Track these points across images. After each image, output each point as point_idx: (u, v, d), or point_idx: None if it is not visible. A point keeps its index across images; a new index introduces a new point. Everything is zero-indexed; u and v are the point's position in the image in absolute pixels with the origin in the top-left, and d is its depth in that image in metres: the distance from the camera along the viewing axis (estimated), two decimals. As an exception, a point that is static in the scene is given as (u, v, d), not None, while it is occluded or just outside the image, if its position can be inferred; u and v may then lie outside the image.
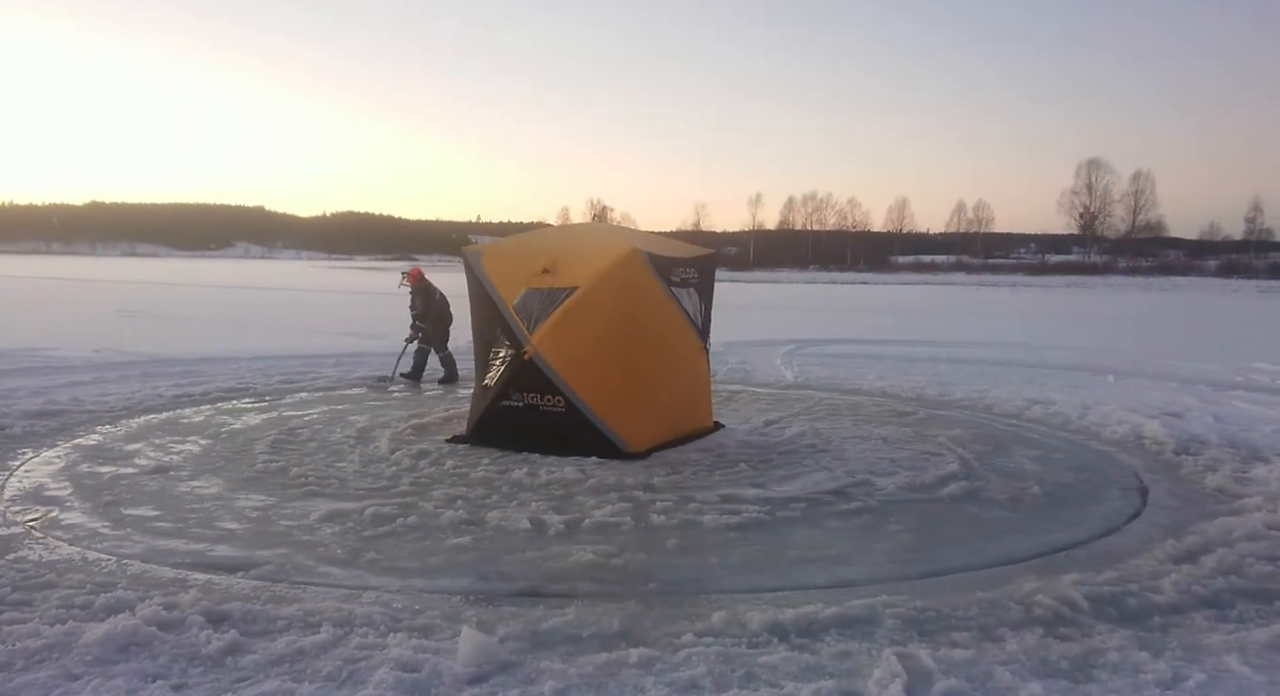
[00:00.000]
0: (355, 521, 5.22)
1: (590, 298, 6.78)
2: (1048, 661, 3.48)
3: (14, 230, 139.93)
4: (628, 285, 6.86)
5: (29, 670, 3.23)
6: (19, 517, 5.24)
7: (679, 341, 7.47)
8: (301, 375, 11.38)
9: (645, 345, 6.99)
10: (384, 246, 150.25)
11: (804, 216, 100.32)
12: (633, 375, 6.92)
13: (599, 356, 6.85)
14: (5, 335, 14.80)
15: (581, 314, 6.81)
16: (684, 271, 7.48)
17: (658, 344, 7.16)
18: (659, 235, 9.10)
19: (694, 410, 7.83)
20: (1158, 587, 4.30)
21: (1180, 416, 8.98)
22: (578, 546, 4.81)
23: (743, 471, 6.53)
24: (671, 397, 7.40)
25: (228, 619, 3.72)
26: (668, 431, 7.29)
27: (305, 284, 44.72)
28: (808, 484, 6.22)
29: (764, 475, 6.45)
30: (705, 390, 8.03)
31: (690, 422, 7.70)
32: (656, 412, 7.17)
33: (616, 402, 6.88)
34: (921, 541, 5.09)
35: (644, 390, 7.03)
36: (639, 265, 6.89)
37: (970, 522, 5.49)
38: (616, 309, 6.85)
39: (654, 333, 7.12)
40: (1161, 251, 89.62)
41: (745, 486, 6.10)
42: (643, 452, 6.86)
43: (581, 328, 6.83)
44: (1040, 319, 26.84)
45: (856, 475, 6.47)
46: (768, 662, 3.42)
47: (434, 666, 3.32)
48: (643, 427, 6.99)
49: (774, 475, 6.46)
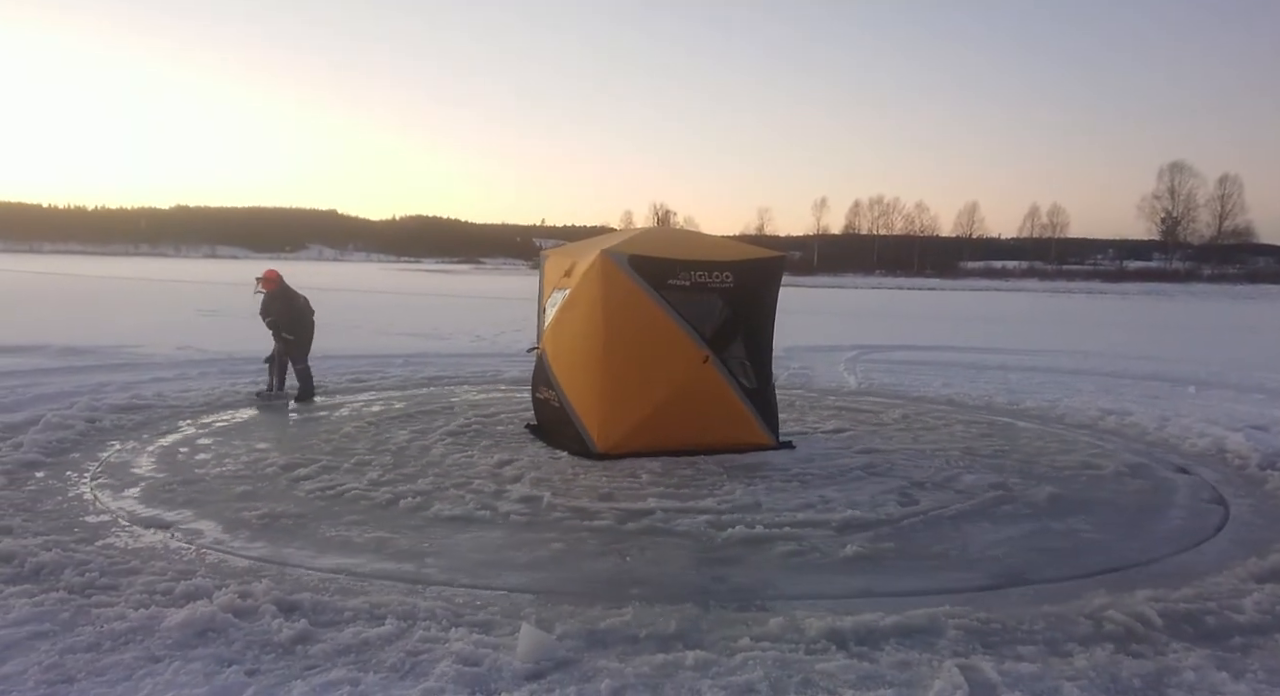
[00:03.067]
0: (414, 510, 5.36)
1: (574, 299, 7.23)
2: (1118, 678, 3.37)
3: (105, 233, 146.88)
4: (604, 288, 6.89)
5: (115, 651, 3.41)
6: (109, 506, 5.51)
7: (666, 349, 6.92)
8: (370, 373, 11.68)
9: (621, 349, 6.89)
10: (451, 249, 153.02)
11: (870, 221, 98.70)
12: (608, 377, 6.93)
13: (581, 356, 7.15)
14: (95, 333, 15.55)
15: (569, 314, 7.32)
16: (701, 275, 6.99)
17: (637, 349, 6.89)
18: (722, 238, 8.79)
19: (711, 422, 7.16)
20: (1239, 607, 4.13)
21: (1266, 430, 8.58)
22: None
23: (793, 475, 6.48)
24: (661, 406, 6.92)
25: (298, 608, 3.86)
26: (653, 440, 6.97)
27: (374, 285, 45.84)
28: (865, 492, 6.14)
29: (820, 483, 6.39)
30: (726, 403, 7.17)
31: (710, 435, 7.16)
32: (636, 418, 6.92)
33: (592, 403, 7.07)
34: (984, 553, 4.98)
35: (620, 393, 6.94)
36: (611, 269, 6.83)
37: (1036, 535, 5.34)
38: (591, 311, 7.01)
39: (632, 337, 6.88)
40: (1250, 259, 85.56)
41: (796, 492, 6.06)
42: (613, 455, 6.87)
43: (570, 328, 7.32)
44: (1117, 327, 25.90)
45: (920, 484, 6.36)
46: (825, 670, 3.39)
47: (494, 661, 3.39)
48: (615, 430, 6.93)
49: (831, 483, 6.39)
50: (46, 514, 5.29)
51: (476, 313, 25.44)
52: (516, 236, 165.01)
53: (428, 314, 25.02)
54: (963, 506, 5.85)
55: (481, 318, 23.01)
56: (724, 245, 7.87)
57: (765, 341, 7.38)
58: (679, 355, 6.93)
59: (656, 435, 7.00)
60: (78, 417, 7.85)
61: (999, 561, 4.84)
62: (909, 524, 5.45)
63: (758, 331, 7.32)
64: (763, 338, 7.36)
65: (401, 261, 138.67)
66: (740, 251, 7.56)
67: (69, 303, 26.19)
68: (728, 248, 7.72)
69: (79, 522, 5.16)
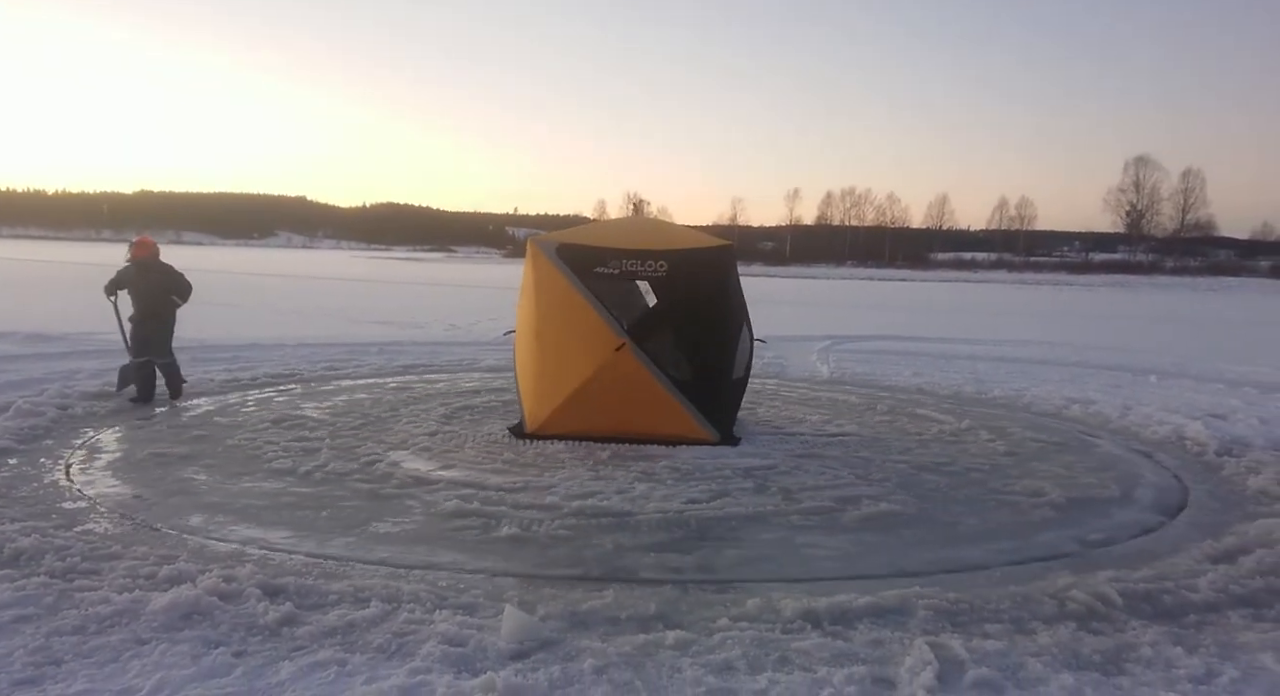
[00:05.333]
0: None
1: (521, 285, 7.57)
2: (1080, 654, 3.52)
3: (67, 217, 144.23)
4: (534, 274, 7.23)
5: (101, 633, 3.43)
6: (85, 492, 5.49)
7: (584, 335, 6.92)
8: (345, 362, 11.64)
9: (549, 333, 7.15)
10: (422, 237, 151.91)
11: (842, 212, 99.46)
12: (539, 360, 7.25)
13: (522, 338, 7.56)
14: (63, 319, 15.30)
15: (520, 299, 7.67)
16: (633, 264, 6.99)
17: (561, 334, 7.07)
18: (688, 230, 8.58)
19: (635, 411, 7.04)
20: (1194, 586, 4.31)
21: (1224, 418, 8.86)
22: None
23: (764, 459, 6.61)
24: (579, 391, 6.94)
25: (283, 592, 3.90)
26: (577, 424, 7.06)
27: (345, 273, 45.43)
28: (834, 478, 6.27)
29: (789, 468, 6.52)
30: (650, 392, 6.97)
31: (636, 424, 7.09)
32: (557, 401, 7.04)
33: (527, 385, 7.43)
34: (953, 536, 5.13)
35: (546, 376, 7.19)
36: (539, 256, 7.17)
37: (1003, 519, 5.50)
38: (526, 296, 7.43)
39: (556, 322, 7.09)
40: (1212, 251, 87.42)
41: (765, 476, 6.18)
42: (541, 436, 7.12)
43: (520, 312, 7.67)
44: (1081, 318, 26.41)
45: (886, 469, 6.51)
46: (801, 647, 3.51)
47: (479, 642, 3.46)
48: (541, 412, 7.16)
49: (800, 467, 6.52)
50: (22, 500, 5.26)
51: (449, 300, 25.33)
52: (489, 225, 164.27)
53: (401, 302, 24.86)
54: (928, 491, 6.01)
55: (454, 306, 22.92)
56: (678, 236, 7.71)
57: (710, 333, 7.14)
58: (596, 341, 6.86)
59: (579, 419, 7.05)
60: (49, 405, 7.76)
61: (965, 545, 4.99)
62: (874, 510, 5.56)
63: (697, 321, 7.14)
64: (703, 328, 7.14)
65: (372, 249, 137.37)
66: (687, 241, 7.42)
67: (33, 288, 25.70)
68: (678, 238, 7.56)
69: (56, 509, 5.13)
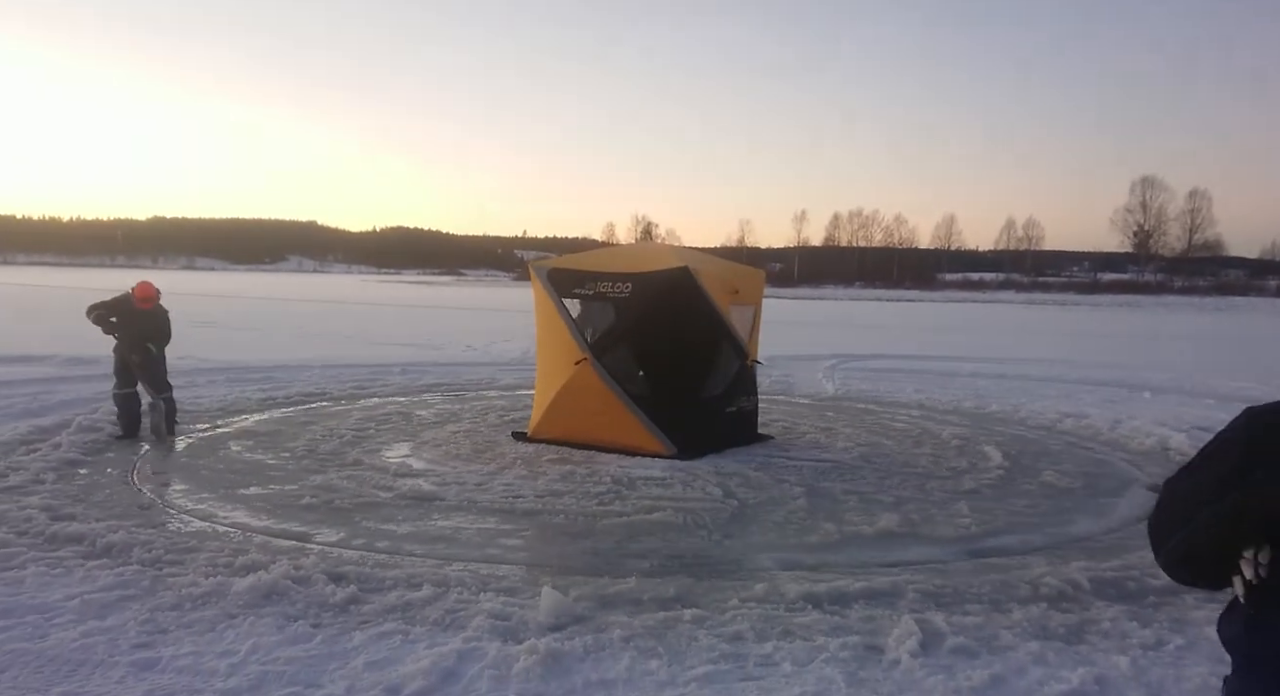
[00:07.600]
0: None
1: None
2: (1047, 627, 4.02)
3: (82, 244, 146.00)
4: (535, 295, 8.15)
5: (196, 609, 3.98)
6: (155, 498, 6.06)
7: (557, 351, 7.84)
8: (370, 382, 12.20)
9: (542, 349, 8.25)
10: (432, 261, 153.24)
11: (850, 233, 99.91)
12: (538, 371, 8.26)
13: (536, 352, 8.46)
14: (95, 345, 15.92)
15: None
16: (605, 286, 7.50)
17: (547, 349, 8.11)
18: (690, 251, 9.24)
19: (601, 422, 7.48)
20: (1157, 574, 4.70)
21: (1209, 431, 9.26)
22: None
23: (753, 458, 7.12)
24: (555, 402, 7.75)
25: (345, 578, 4.43)
26: (561, 432, 7.77)
27: (359, 297, 46.22)
28: (833, 479, 6.78)
29: (789, 470, 7.03)
30: (609, 405, 7.42)
31: (603, 434, 7.49)
32: (541, 410, 7.97)
33: (535, 392, 8.31)
34: (944, 532, 5.64)
35: (539, 387, 8.19)
36: (535, 279, 8.05)
37: (992, 518, 6.00)
38: (535, 314, 8.26)
39: (544, 339, 8.15)
40: (1220, 271, 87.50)
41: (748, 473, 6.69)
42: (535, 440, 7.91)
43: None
44: (1086, 337, 26.81)
45: (882, 470, 7.02)
46: (802, 623, 4.02)
47: (520, 617, 3.99)
48: (534, 417, 8.13)
49: (801, 468, 7.03)
50: (101, 503, 5.83)
51: (464, 323, 25.96)
52: (498, 248, 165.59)
53: (416, 325, 25.52)
54: (920, 493, 6.51)
55: (469, 327, 23.54)
56: (658, 258, 7.85)
57: (670, 350, 7.40)
58: (565, 356, 7.74)
59: (559, 427, 7.82)
60: (105, 420, 8.37)
61: (955, 541, 5.49)
62: (871, 507, 6.06)
63: (656, 339, 7.43)
64: (664, 346, 7.40)
65: (383, 273, 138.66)
66: (658, 264, 7.58)
67: (61, 314, 26.43)
68: (656, 260, 7.76)
69: (132, 511, 5.70)
